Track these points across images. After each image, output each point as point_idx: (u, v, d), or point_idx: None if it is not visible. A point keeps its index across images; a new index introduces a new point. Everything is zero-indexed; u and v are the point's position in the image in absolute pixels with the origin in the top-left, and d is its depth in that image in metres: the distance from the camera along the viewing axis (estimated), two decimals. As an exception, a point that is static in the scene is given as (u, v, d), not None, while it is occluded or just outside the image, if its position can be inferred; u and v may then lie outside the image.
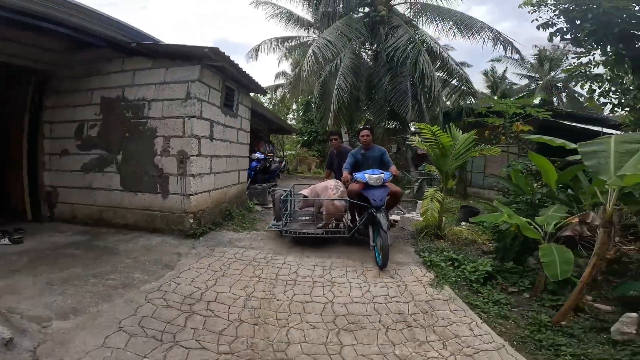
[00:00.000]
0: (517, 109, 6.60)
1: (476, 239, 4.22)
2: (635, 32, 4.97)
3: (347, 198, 3.93)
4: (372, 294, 2.81)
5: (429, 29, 10.40)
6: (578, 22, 5.17)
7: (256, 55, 13.97)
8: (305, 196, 4.17)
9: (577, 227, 2.84)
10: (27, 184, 4.30)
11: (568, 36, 5.34)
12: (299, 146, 19.83)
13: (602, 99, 5.70)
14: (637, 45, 5.14)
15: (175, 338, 2.11)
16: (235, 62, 4.48)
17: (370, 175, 3.82)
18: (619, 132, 6.01)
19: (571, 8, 5.13)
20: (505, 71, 22.61)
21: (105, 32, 3.66)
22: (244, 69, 4.85)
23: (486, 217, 3.33)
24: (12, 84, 4.21)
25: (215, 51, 3.88)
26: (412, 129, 9.23)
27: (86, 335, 2.06)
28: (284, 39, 14.34)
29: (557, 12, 5.44)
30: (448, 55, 9.31)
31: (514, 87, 22.01)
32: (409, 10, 10.19)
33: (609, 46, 5.31)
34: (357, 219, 4.15)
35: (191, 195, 3.95)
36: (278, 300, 2.66)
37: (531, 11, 5.40)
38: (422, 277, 3.18)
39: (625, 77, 5.48)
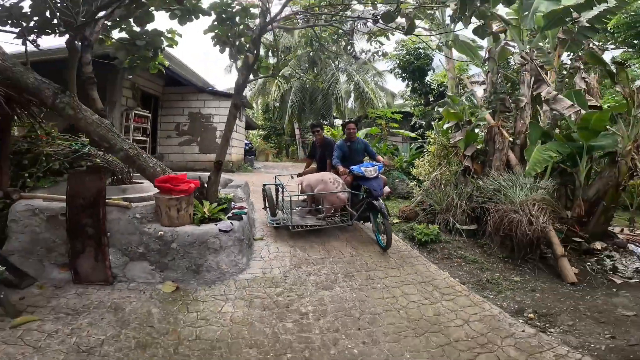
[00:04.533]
0: (390, 114, 12.93)
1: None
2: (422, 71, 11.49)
3: (348, 189, 4.18)
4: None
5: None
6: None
7: (230, 70, 19.11)
8: (304, 190, 4.58)
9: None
10: (150, 151, 9.22)
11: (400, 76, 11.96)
12: (259, 139, 24.95)
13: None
14: (424, 81, 11.68)
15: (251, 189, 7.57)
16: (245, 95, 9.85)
17: (367, 168, 4.07)
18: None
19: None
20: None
21: (195, 82, 8.80)
22: (246, 98, 10.21)
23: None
24: (147, 103, 9.06)
25: (242, 96, 9.26)
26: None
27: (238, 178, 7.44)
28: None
29: (397, 63, 11.85)
30: (359, 80, 15.52)
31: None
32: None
33: (410, 81, 11.91)
34: (349, 208, 4.25)
35: (231, 154, 9.31)
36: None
37: (387, 62, 11.79)
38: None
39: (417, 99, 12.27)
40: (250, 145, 13.31)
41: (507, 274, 3.86)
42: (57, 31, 3.34)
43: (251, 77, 4.20)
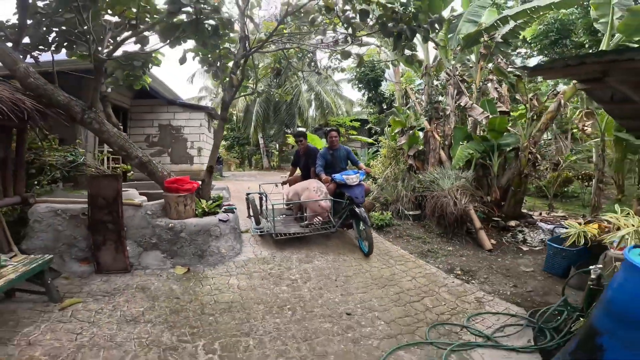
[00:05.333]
0: (349, 122, 14.19)
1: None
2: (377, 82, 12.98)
3: (330, 197, 4.28)
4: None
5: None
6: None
7: (192, 80, 19.37)
8: (289, 198, 4.74)
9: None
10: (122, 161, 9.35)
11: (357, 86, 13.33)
12: (222, 149, 25.06)
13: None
14: (378, 91, 13.10)
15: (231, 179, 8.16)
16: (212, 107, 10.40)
17: (349, 176, 4.20)
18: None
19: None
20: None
21: (166, 94, 9.20)
22: (216, 110, 10.77)
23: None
24: (116, 115, 9.18)
25: (211, 108, 9.83)
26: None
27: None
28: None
29: (354, 75, 13.15)
30: (320, 90, 16.67)
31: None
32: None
33: (366, 91, 13.28)
34: (332, 214, 4.41)
35: (203, 164, 9.78)
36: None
37: (346, 73, 13.02)
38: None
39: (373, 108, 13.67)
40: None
41: (443, 245, 5.04)
42: (54, 48, 3.87)
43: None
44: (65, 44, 3.93)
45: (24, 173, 3.69)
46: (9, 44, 3.49)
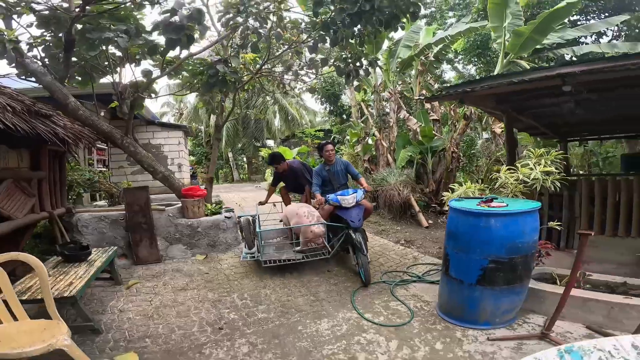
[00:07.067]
0: (314, 132, 15.68)
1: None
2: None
3: (324, 221, 4.00)
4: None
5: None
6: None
7: (156, 100, 19.73)
8: (285, 224, 4.51)
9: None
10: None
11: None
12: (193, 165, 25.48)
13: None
14: (338, 104, 14.72)
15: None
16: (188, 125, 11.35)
17: (344, 197, 3.87)
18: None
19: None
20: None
21: (146, 115, 10.04)
22: (190, 128, 11.71)
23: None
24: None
25: (187, 127, 10.81)
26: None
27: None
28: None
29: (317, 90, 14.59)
30: (286, 104, 18.07)
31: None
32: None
33: (327, 104, 14.71)
34: (331, 238, 4.20)
35: (184, 178, 10.69)
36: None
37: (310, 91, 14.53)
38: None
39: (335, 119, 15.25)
40: (193, 170, 14.52)
41: (393, 226, 6.69)
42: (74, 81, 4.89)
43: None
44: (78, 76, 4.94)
45: (66, 189, 4.65)
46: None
